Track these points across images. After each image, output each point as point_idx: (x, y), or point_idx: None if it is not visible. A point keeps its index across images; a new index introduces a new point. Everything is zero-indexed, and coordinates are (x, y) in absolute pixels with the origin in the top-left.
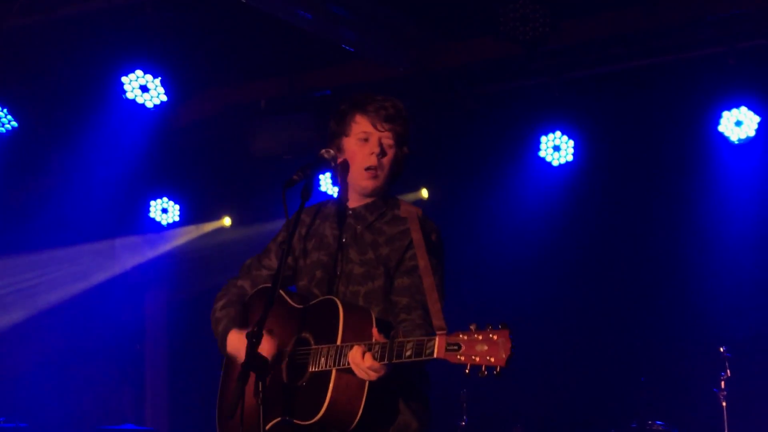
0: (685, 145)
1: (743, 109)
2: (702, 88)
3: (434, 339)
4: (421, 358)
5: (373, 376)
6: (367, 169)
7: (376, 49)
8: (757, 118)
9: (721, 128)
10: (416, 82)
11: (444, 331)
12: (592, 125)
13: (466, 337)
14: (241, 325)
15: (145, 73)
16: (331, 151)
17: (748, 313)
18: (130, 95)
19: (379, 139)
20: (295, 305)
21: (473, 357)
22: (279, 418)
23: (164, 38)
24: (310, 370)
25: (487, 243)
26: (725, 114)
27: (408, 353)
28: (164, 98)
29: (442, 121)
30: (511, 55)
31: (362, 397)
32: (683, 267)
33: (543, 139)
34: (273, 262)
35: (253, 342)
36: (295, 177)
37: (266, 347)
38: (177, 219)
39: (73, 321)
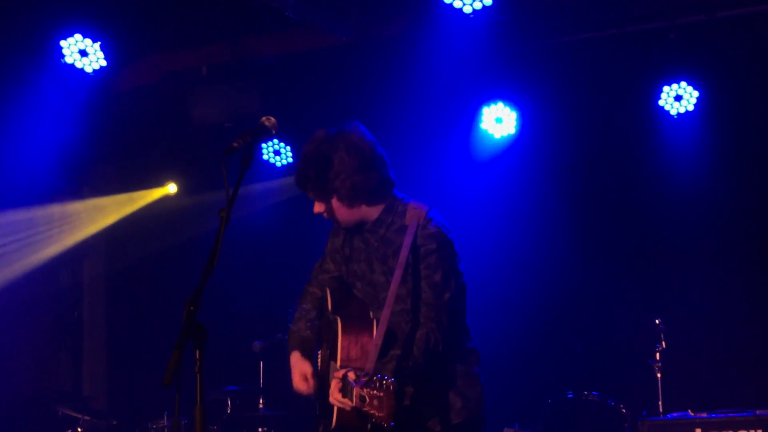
0: (626, 119)
1: (683, 84)
2: (642, 62)
3: (354, 389)
4: (348, 400)
5: (344, 407)
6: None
7: (319, 17)
8: (696, 93)
9: (661, 102)
10: (359, 50)
11: (368, 377)
12: (535, 97)
13: (367, 391)
14: (303, 342)
15: (84, 37)
16: (272, 119)
17: (685, 286)
18: (68, 59)
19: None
20: (329, 315)
21: (372, 411)
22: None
23: (105, 1)
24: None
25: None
26: (665, 89)
27: (346, 395)
28: (104, 63)
29: (384, 90)
30: (452, 24)
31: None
32: (621, 238)
33: (485, 110)
34: (330, 265)
35: (190, 310)
36: (235, 144)
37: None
38: (117, 186)
39: (9, 287)
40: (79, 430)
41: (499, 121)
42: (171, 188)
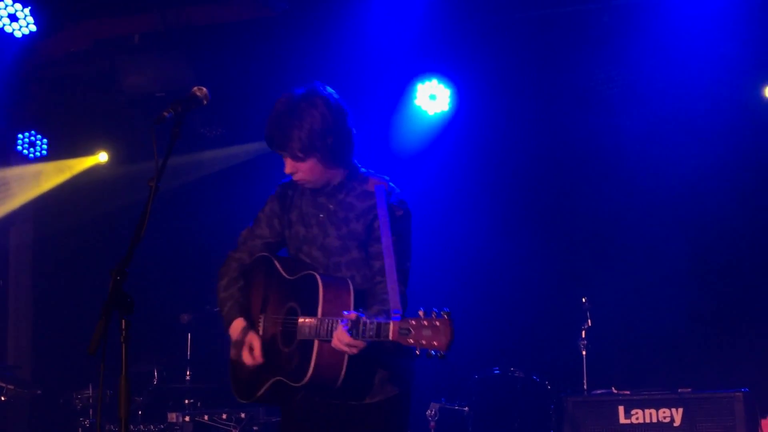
0: (562, 99)
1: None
2: (579, 42)
3: (390, 324)
4: (380, 339)
5: (354, 350)
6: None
7: None
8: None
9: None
10: (293, 21)
11: (399, 314)
12: (470, 74)
13: (414, 323)
14: (242, 308)
15: (14, 1)
16: (204, 89)
17: (611, 265)
18: None
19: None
20: (285, 275)
21: (421, 341)
22: (275, 379)
23: None
24: (298, 338)
25: None
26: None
27: (370, 333)
28: (33, 28)
29: (317, 63)
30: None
31: (343, 363)
32: (549, 217)
33: (419, 87)
34: (264, 230)
35: (117, 280)
36: (165, 114)
37: (268, 317)
38: (44, 153)
39: None
40: (3, 398)
41: (433, 98)
42: (102, 157)
